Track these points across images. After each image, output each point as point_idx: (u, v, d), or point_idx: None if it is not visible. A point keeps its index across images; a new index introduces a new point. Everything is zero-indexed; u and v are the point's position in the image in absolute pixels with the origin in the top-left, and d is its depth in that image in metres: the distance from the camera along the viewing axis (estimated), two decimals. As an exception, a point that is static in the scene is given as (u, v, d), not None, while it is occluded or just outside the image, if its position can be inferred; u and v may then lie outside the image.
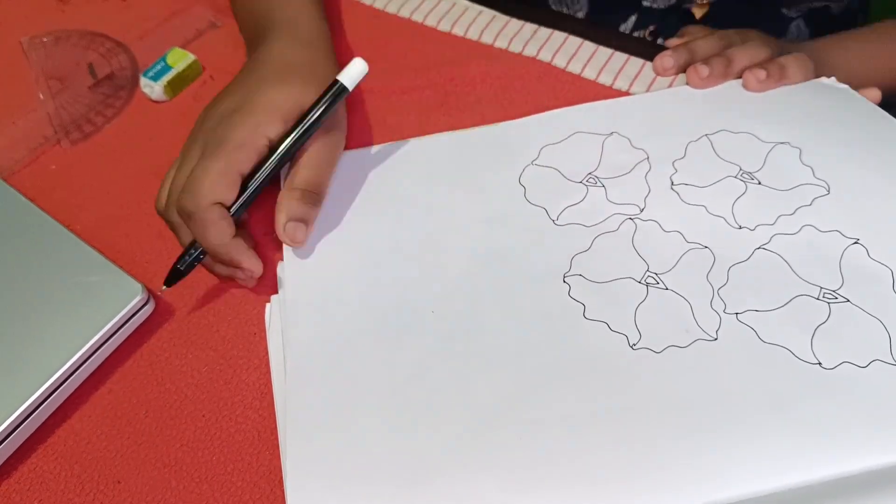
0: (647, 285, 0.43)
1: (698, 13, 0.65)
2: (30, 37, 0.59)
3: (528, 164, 0.49)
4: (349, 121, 0.54)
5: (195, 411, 0.43)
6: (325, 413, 0.40)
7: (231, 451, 0.41)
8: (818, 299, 0.42)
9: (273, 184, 0.46)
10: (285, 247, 0.46)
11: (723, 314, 0.42)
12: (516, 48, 0.56)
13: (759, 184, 0.47)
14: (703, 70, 0.51)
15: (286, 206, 0.44)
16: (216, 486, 0.40)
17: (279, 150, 0.45)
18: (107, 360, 0.44)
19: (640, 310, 0.42)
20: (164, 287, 0.45)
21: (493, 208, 0.47)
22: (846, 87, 0.51)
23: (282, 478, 0.38)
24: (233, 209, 0.44)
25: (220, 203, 0.43)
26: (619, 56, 0.56)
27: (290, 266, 0.46)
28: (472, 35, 0.57)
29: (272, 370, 0.43)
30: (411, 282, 0.45)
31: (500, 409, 0.40)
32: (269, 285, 0.47)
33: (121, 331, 0.44)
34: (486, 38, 0.57)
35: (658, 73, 0.54)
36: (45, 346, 0.43)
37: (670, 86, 0.54)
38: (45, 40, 0.59)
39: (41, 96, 0.56)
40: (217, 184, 0.43)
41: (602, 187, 0.48)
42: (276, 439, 0.41)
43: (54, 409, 0.43)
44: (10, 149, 0.54)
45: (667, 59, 0.53)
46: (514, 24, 0.58)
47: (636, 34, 0.67)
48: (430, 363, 0.41)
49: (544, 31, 0.57)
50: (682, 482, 0.37)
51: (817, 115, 0.50)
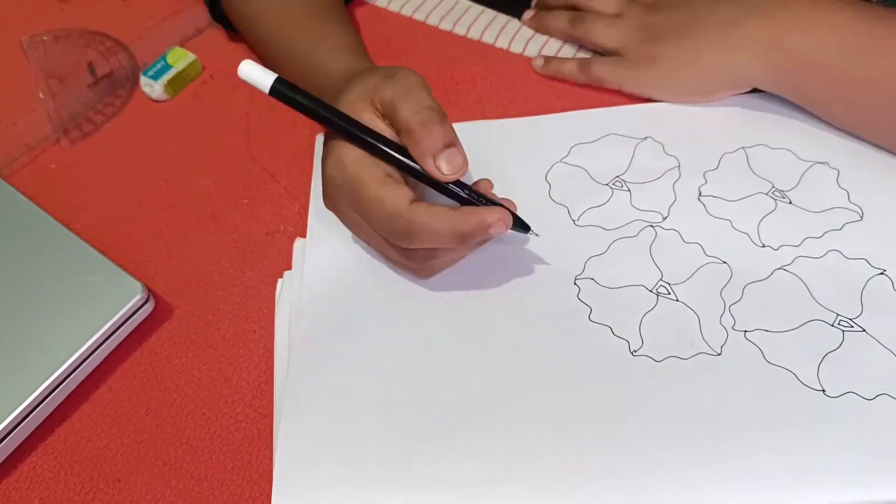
0: (658, 294, 0.43)
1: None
2: (30, 36, 0.59)
3: (557, 162, 0.49)
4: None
5: (195, 410, 0.43)
6: (324, 386, 0.41)
7: (231, 449, 0.41)
8: (833, 326, 0.41)
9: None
10: (309, 225, 0.47)
11: (730, 331, 0.41)
12: (517, 48, 0.56)
13: (790, 203, 0.46)
14: (538, 61, 0.54)
15: (434, 137, 0.39)
16: (216, 485, 0.40)
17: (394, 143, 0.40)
18: (107, 358, 0.44)
19: (646, 318, 0.42)
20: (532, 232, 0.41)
21: (516, 201, 0.46)
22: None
23: (282, 477, 0.38)
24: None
25: (411, 201, 0.38)
26: (619, 56, 0.55)
27: (312, 242, 0.46)
28: (474, 35, 0.57)
29: (276, 343, 0.44)
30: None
31: (493, 399, 0.40)
32: (270, 283, 0.47)
33: (121, 330, 0.44)
34: (488, 38, 0.57)
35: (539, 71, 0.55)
36: (45, 346, 0.43)
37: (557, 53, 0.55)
38: (44, 39, 0.59)
39: (41, 95, 0.56)
40: (395, 191, 0.38)
41: (627, 192, 0.47)
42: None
43: (54, 407, 0.43)
44: (10, 148, 0.54)
45: (538, 60, 0.54)
46: (515, 23, 0.58)
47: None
48: (431, 347, 0.42)
49: (544, 31, 0.57)
50: (663, 491, 0.36)
51: (862, 138, 0.48)
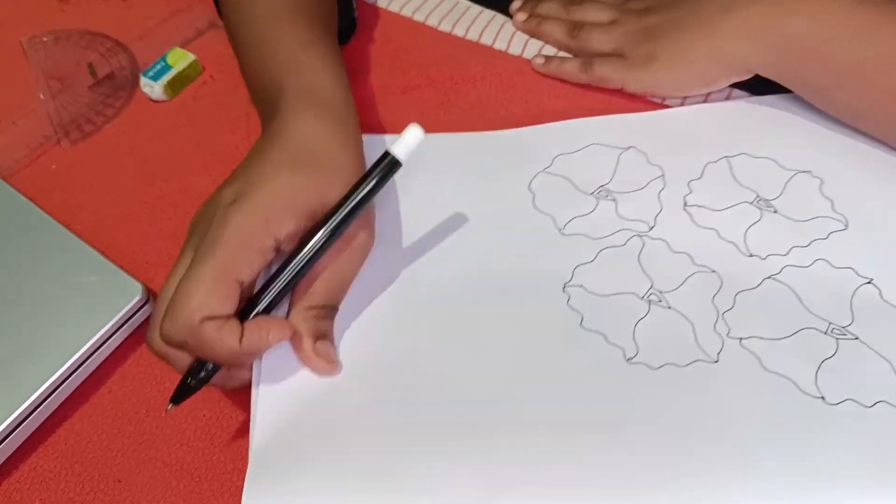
0: (650, 302, 0.43)
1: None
2: (30, 37, 0.59)
3: (540, 172, 0.49)
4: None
5: (195, 410, 0.43)
6: (300, 401, 0.40)
7: (231, 450, 0.41)
8: (826, 334, 0.41)
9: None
10: None
11: (726, 338, 0.41)
12: (516, 49, 0.56)
13: (775, 212, 0.46)
14: (538, 60, 0.54)
15: (310, 325, 0.39)
16: (216, 486, 0.40)
17: (301, 256, 0.38)
18: (107, 359, 0.44)
19: (639, 325, 0.42)
20: (171, 406, 0.38)
21: (499, 210, 0.47)
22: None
23: (282, 477, 0.38)
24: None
25: (211, 317, 0.35)
26: (619, 56, 0.56)
27: None
28: (473, 35, 0.57)
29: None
30: (410, 275, 0.44)
31: (485, 407, 0.39)
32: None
33: (121, 330, 0.44)
34: (486, 39, 0.57)
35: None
36: (45, 346, 0.43)
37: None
38: (45, 40, 0.59)
39: (41, 96, 0.56)
40: (208, 296, 0.35)
41: (613, 201, 0.47)
42: (277, 439, 0.41)
43: (55, 408, 0.43)
44: (11, 149, 0.54)
45: (538, 59, 0.54)
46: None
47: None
48: (421, 352, 0.41)
49: (544, 32, 0.57)
50: (663, 501, 0.36)
51: (845, 146, 0.48)
